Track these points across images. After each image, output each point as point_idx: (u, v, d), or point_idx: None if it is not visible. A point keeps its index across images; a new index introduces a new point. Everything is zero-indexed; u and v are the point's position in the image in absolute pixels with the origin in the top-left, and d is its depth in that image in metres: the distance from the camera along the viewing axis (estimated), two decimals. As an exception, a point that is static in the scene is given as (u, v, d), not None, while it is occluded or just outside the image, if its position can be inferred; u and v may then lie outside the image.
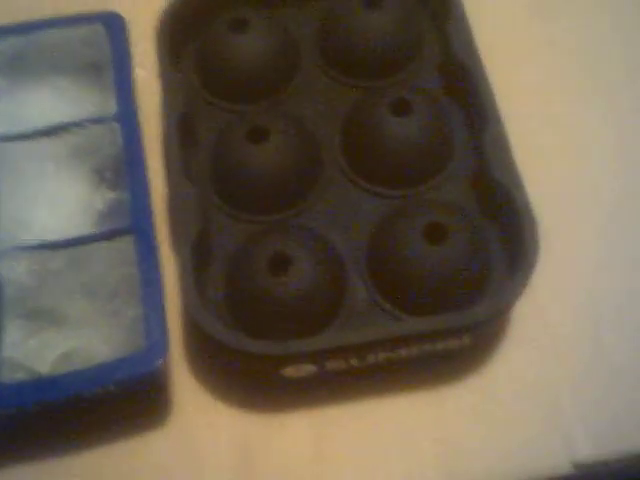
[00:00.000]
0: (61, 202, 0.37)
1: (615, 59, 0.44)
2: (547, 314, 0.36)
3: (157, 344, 0.32)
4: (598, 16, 0.45)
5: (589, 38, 0.44)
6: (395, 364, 0.34)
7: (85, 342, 0.33)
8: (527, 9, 0.45)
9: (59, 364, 0.32)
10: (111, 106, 0.38)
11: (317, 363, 0.33)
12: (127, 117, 0.38)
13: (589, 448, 0.34)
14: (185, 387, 0.35)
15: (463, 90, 0.39)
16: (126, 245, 0.35)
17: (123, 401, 0.33)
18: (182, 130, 0.38)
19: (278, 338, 0.33)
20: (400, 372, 0.34)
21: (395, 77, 0.41)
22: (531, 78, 0.42)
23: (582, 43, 0.44)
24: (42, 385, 0.32)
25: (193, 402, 0.35)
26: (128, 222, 0.35)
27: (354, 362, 0.33)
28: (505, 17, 0.44)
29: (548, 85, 0.42)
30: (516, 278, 0.33)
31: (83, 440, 0.34)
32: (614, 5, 0.45)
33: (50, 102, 0.39)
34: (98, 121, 0.38)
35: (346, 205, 0.38)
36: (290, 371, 0.33)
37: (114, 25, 0.40)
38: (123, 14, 0.41)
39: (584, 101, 0.42)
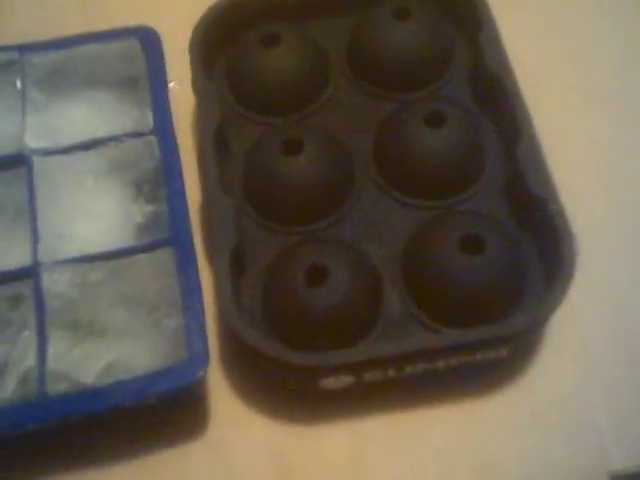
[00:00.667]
0: (100, 215, 0.37)
1: None
2: (582, 326, 0.36)
3: (198, 355, 0.33)
4: (631, 26, 0.45)
5: (621, 49, 0.44)
6: (432, 375, 0.34)
7: (127, 353, 0.33)
8: (558, 20, 0.45)
9: (103, 375, 0.33)
10: (148, 120, 0.39)
11: (355, 374, 0.33)
12: (164, 131, 0.39)
13: (623, 459, 0.34)
14: (222, 398, 0.36)
15: (495, 101, 0.39)
16: (165, 257, 0.35)
17: (161, 411, 0.34)
18: (217, 142, 0.38)
19: (314, 349, 0.33)
20: (437, 383, 0.35)
21: (426, 89, 0.41)
22: (564, 89, 0.43)
23: (614, 54, 0.44)
24: (87, 396, 0.32)
25: (230, 413, 0.35)
26: (167, 234, 0.36)
27: (392, 373, 0.33)
28: (537, 27, 0.44)
29: (581, 96, 0.43)
30: (553, 290, 0.33)
31: (122, 451, 0.34)
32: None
33: (88, 116, 0.40)
34: (136, 135, 0.39)
35: (380, 216, 0.38)
36: (328, 382, 0.33)
37: (149, 40, 0.41)
38: (157, 28, 0.42)
39: (617, 112, 0.42)
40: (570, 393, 0.35)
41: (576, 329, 0.36)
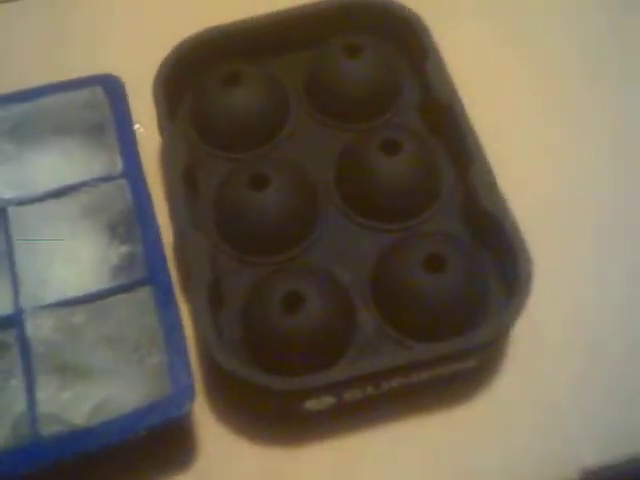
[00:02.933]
0: (78, 259, 0.38)
1: (593, 78, 0.46)
2: (542, 329, 0.38)
3: (184, 389, 0.34)
4: (574, 36, 0.47)
5: (564, 61, 0.46)
6: (407, 389, 0.36)
7: (114, 392, 0.34)
8: (497, 39, 0.47)
9: (93, 415, 0.34)
10: (117, 164, 0.40)
11: (335, 394, 0.35)
12: (133, 173, 0.40)
13: (594, 454, 0.36)
14: (208, 427, 0.37)
15: (445, 127, 0.41)
16: (144, 296, 0.37)
17: (151, 445, 0.35)
18: (186, 181, 0.40)
19: (295, 373, 0.35)
20: (412, 397, 0.36)
21: (381, 119, 0.43)
22: (511, 107, 0.45)
23: (556, 66, 0.46)
24: (79, 436, 0.33)
25: (217, 441, 0.36)
26: (144, 273, 0.37)
27: (370, 390, 0.35)
28: (478, 51, 0.46)
29: (528, 111, 0.45)
30: (513, 301, 0.35)
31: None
32: (586, 27, 0.48)
33: (58, 164, 0.41)
34: (106, 179, 0.40)
35: (346, 241, 0.40)
36: (311, 404, 0.35)
37: (112, 87, 0.42)
38: (119, 72, 0.43)
39: (565, 123, 0.44)
40: (538, 396, 0.37)
41: (538, 332, 0.38)
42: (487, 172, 0.39)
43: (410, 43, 0.44)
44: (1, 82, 0.44)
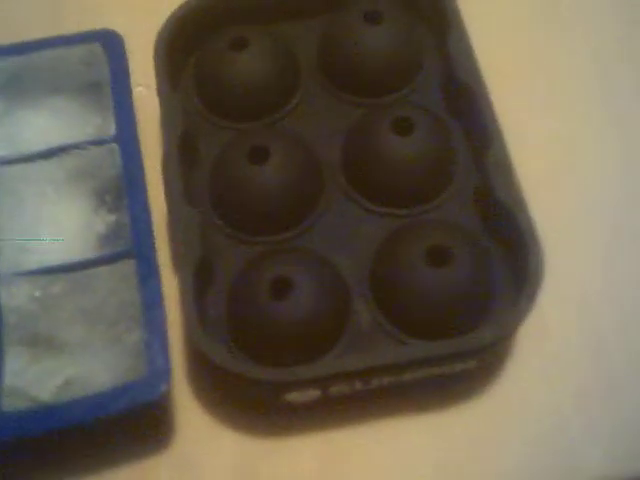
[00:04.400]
0: (61, 225, 0.36)
1: (621, 75, 0.43)
2: (550, 333, 0.36)
3: (160, 371, 0.32)
4: (605, 30, 0.44)
5: (594, 53, 0.44)
6: (400, 387, 0.34)
7: (86, 369, 0.33)
8: (528, 24, 0.45)
9: (61, 392, 0.32)
10: (110, 127, 0.38)
11: (321, 388, 0.33)
12: (126, 138, 0.38)
13: (596, 463, 0.34)
14: (188, 412, 0.35)
15: (465, 109, 0.38)
16: (127, 269, 0.35)
17: (124, 427, 0.33)
18: (182, 150, 0.37)
19: (281, 361, 0.33)
20: (405, 395, 0.34)
21: (396, 95, 0.40)
22: (533, 95, 0.42)
23: (586, 58, 0.44)
24: (43, 414, 0.31)
25: (196, 427, 0.35)
26: (129, 245, 0.35)
27: (358, 386, 0.33)
28: (506, 33, 0.44)
29: (551, 102, 0.42)
30: (521, 301, 0.33)
31: (84, 466, 0.34)
32: (618, 19, 0.45)
33: (49, 123, 0.39)
34: (97, 143, 0.38)
35: (348, 225, 0.37)
36: (294, 396, 0.33)
37: (112, 44, 0.40)
38: (121, 32, 0.41)
39: (588, 118, 0.42)
40: (541, 400, 0.35)
41: (546, 336, 0.36)
42: (504, 158, 0.36)
43: (434, 14, 0.41)
44: (-4, 34, 0.42)
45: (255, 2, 0.41)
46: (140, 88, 0.41)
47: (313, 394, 0.33)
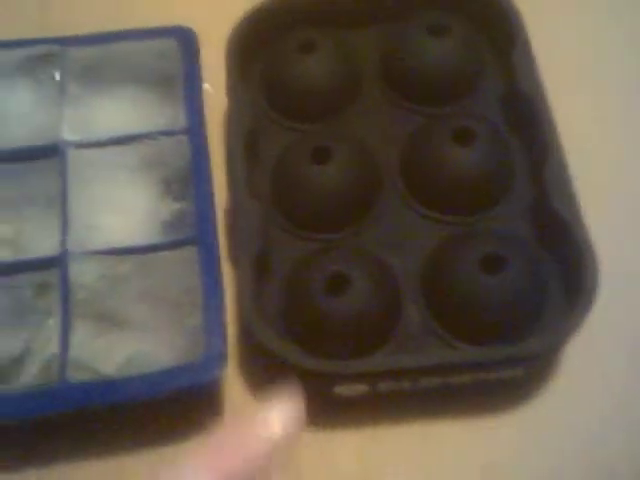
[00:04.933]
0: (129, 210, 0.38)
1: None
2: (600, 348, 0.36)
3: (217, 355, 0.33)
4: None
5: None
6: (446, 389, 0.34)
7: (148, 347, 0.34)
8: (591, 38, 0.45)
9: (123, 367, 0.33)
10: (180, 119, 0.39)
11: (369, 384, 0.34)
12: (195, 131, 0.39)
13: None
14: (237, 398, 0.36)
15: (525, 120, 0.39)
16: (190, 255, 0.36)
17: (176, 408, 0.34)
18: (247, 147, 0.39)
19: (332, 355, 0.34)
20: (451, 397, 0.35)
21: (456, 105, 0.41)
22: (595, 109, 0.42)
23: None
24: (106, 387, 0.33)
25: (242, 413, 0.35)
26: (193, 233, 0.36)
27: (406, 385, 0.34)
28: (569, 47, 0.44)
29: (612, 117, 0.42)
30: (573, 315, 0.33)
31: (136, 442, 0.35)
32: None
33: (123, 112, 0.40)
34: (168, 133, 0.39)
35: (403, 229, 0.38)
36: (343, 389, 0.34)
37: (186, 40, 0.42)
38: (195, 29, 0.42)
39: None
40: (584, 413, 0.35)
41: (594, 352, 0.36)
42: (562, 171, 0.36)
43: (498, 27, 0.42)
44: (76, 24, 0.44)
45: (325, 8, 0.43)
46: (207, 85, 0.42)
47: (361, 389, 0.34)
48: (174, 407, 0.34)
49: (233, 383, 0.36)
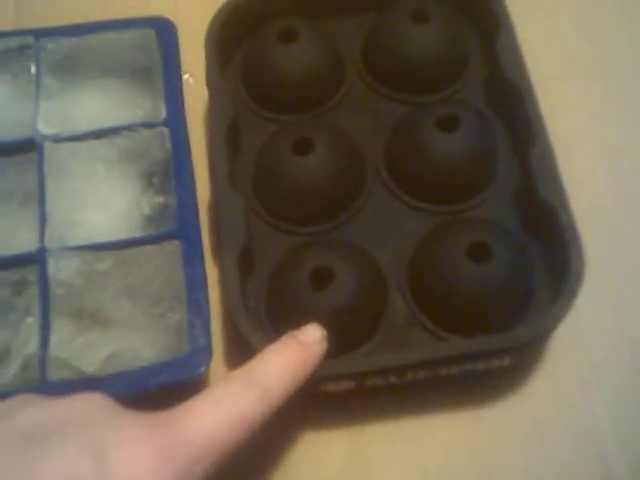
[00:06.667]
0: (109, 204, 0.37)
1: None
2: (587, 336, 0.36)
3: (201, 350, 0.33)
4: None
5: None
6: (434, 382, 0.34)
7: (130, 344, 0.33)
8: (575, 25, 0.45)
9: (104, 365, 0.33)
10: (160, 111, 0.39)
11: (356, 381, 0.33)
12: (176, 122, 0.38)
13: (626, 470, 0.34)
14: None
15: (510, 107, 0.39)
16: (172, 249, 0.35)
17: (160, 404, 0.34)
18: (229, 138, 0.38)
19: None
20: (439, 390, 0.35)
21: (441, 93, 0.41)
22: (581, 95, 0.42)
23: (633, 62, 0.44)
24: (87, 385, 0.32)
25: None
26: (174, 227, 0.36)
27: (393, 379, 0.33)
28: (553, 33, 0.44)
29: (597, 105, 0.42)
30: (559, 302, 0.33)
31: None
32: None
33: (101, 104, 0.39)
34: (148, 125, 0.38)
35: (388, 219, 0.38)
36: (329, 387, 0.33)
37: (165, 31, 0.41)
38: (173, 20, 0.42)
39: (633, 121, 0.42)
40: (573, 403, 0.35)
41: (581, 338, 0.36)
42: (547, 157, 0.36)
43: (482, 13, 0.41)
44: (52, 15, 0.43)
45: (306, -4, 0.42)
46: (187, 76, 0.41)
47: (347, 385, 0.33)
48: (159, 403, 0.34)
49: (218, 378, 0.36)
